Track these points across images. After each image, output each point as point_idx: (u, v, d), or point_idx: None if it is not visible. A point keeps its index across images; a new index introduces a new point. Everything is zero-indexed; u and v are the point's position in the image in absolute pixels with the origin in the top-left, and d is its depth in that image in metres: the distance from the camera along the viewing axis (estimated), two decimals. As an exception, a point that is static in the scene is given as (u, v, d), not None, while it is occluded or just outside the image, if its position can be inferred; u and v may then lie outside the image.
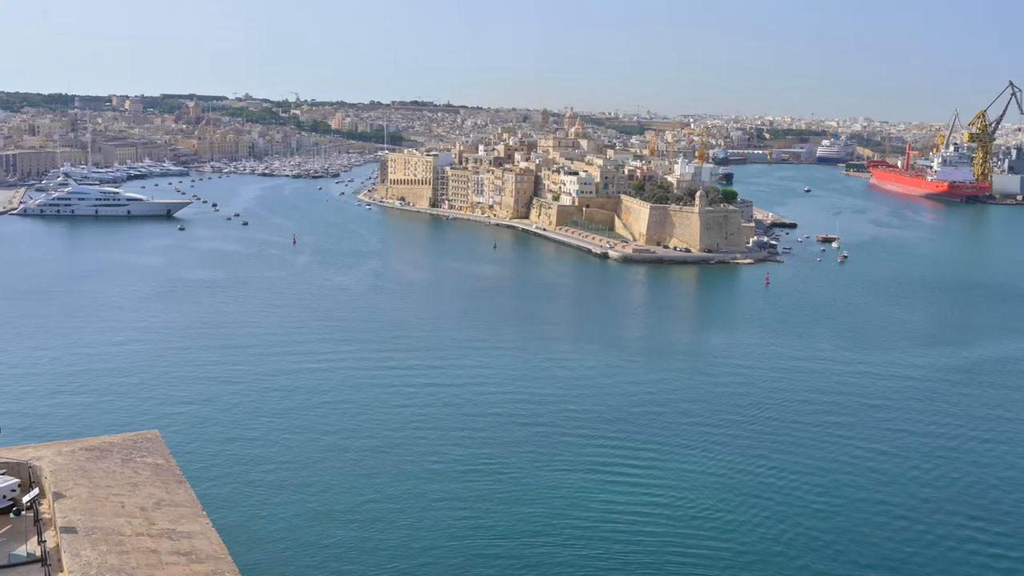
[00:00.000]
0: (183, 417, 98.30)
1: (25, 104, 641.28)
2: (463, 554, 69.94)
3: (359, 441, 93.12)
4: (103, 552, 17.05)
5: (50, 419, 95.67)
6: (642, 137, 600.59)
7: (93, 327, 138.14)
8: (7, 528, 20.14)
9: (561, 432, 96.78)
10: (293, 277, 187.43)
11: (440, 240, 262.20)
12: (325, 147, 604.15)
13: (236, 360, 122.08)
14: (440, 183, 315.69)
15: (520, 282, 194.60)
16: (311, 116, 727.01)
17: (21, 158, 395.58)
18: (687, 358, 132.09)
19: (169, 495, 20.24)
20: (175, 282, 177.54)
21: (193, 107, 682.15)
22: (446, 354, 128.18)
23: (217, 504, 70.85)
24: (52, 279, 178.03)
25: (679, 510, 78.45)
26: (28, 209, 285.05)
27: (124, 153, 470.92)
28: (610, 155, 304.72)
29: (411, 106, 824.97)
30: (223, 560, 17.27)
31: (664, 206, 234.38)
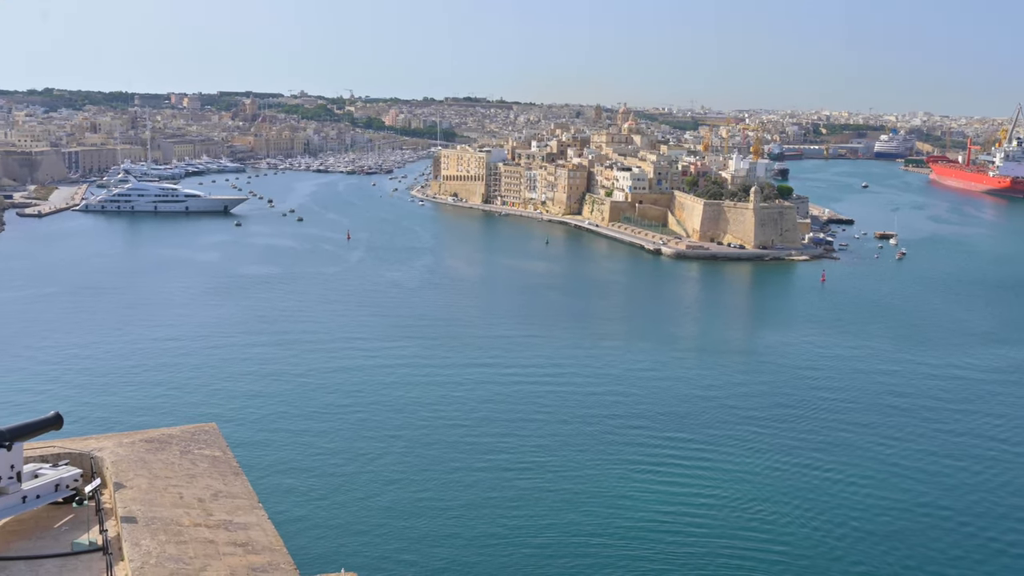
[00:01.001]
0: (239, 410, 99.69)
1: (87, 102, 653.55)
2: (511, 547, 70.08)
3: (411, 436, 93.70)
4: (162, 542, 17.39)
5: (111, 411, 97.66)
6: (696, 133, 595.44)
7: (152, 322, 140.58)
8: (70, 517, 20.60)
9: (613, 429, 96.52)
10: (347, 273, 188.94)
11: (492, 236, 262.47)
12: (379, 143, 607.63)
13: (291, 354, 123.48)
14: (492, 179, 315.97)
15: (572, 278, 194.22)
16: (365, 113, 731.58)
17: (83, 155, 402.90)
18: (740, 356, 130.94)
19: (226, 487, 20.58)
20: (232, 277, 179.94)
21: (249, 104, 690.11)
22: (498, 350, 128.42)
23: (272, 496, 71.83)
24: (112, 274, 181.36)
25: (731, 509, 77.85)
26: (90, 205, 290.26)
27: (182, 150, 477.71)
28: (663, 151, 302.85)
29: (464, 102, 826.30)
30: (278, 551, 17.52)
31: (718, 202, 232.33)
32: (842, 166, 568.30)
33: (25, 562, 18.39)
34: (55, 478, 20.67)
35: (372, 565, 66.83)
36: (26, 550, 18.95)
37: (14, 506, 19.50)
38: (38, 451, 22.30)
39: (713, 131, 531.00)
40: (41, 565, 18.30)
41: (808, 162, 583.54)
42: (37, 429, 21.55)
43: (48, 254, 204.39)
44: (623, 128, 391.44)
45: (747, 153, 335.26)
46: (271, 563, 17.15)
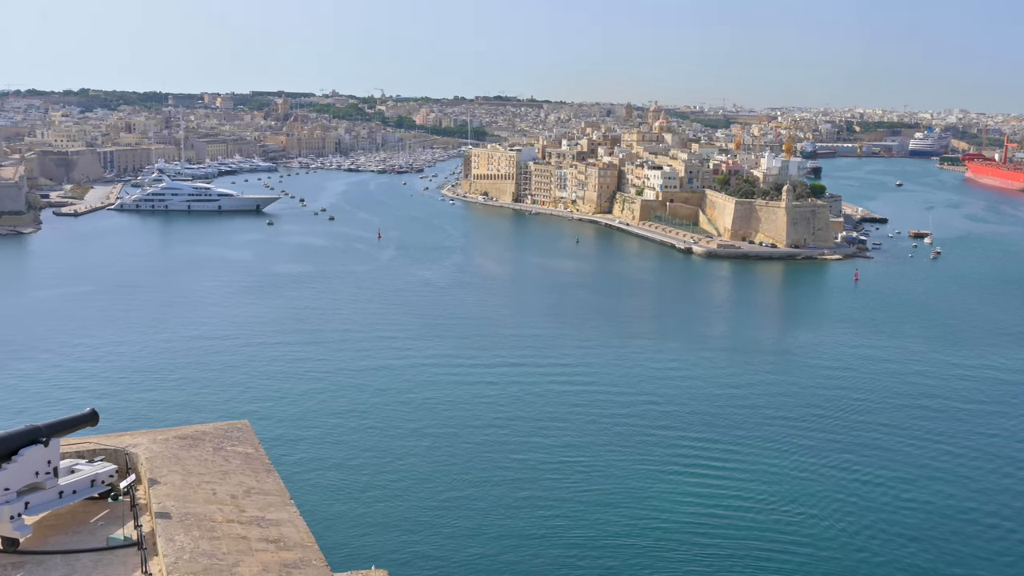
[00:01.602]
0: (272, 407, 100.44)
1: (122, 102, 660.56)
2: (539, 546, 70.12)
3: (441, 434, 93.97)
4: (196, 537, 17.57)
5: (145, 407, 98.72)
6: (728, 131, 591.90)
7: (186, 320, 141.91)
8: (105, 512, 20.84)
9: (642, 429, 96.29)
10: (378, 271, 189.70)
11: (523, 235, 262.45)
12: (409, 142, 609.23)
13: (323, 353, 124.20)
14: (523, 178, 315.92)
15: (602, 277, 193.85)
16: (396, 112, 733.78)
17: (118, 155, 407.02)
18: (772, 356, 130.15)
19: (258, 483, 20.75)
20: (264, 276, 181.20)
21: (281, 104, 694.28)
22: (528, 349, 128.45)
23: (304, 493, 72.34)
24: (147, 273, 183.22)
25: (761, 509, 77.46)
26: (124, 204, 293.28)
27: (215, 149, 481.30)
28: (695, 149, 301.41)
29: (494, 101, 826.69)
30: (310, 548, 17.65)
31: (750, 201, 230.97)
32: (876, 164, 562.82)
33: (62, 556, 18.65)
34: (91, 474, 20.94)
35: (402, 562, 67.12)
36: (63, 544, 19.23)
37: (51, 501, 19.78)
38: (74, 447, 22.60)
39: (745, 129, 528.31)
40: (77, 559, 18.55)
41: (841, 160, 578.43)
42: (73, 425, 21.85)
43: (84, 253, 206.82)
44: (654, 126, 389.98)
45: (779, 151, 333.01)
46: (303, 559, 17.29)
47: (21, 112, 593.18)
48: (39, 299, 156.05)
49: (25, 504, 19.10)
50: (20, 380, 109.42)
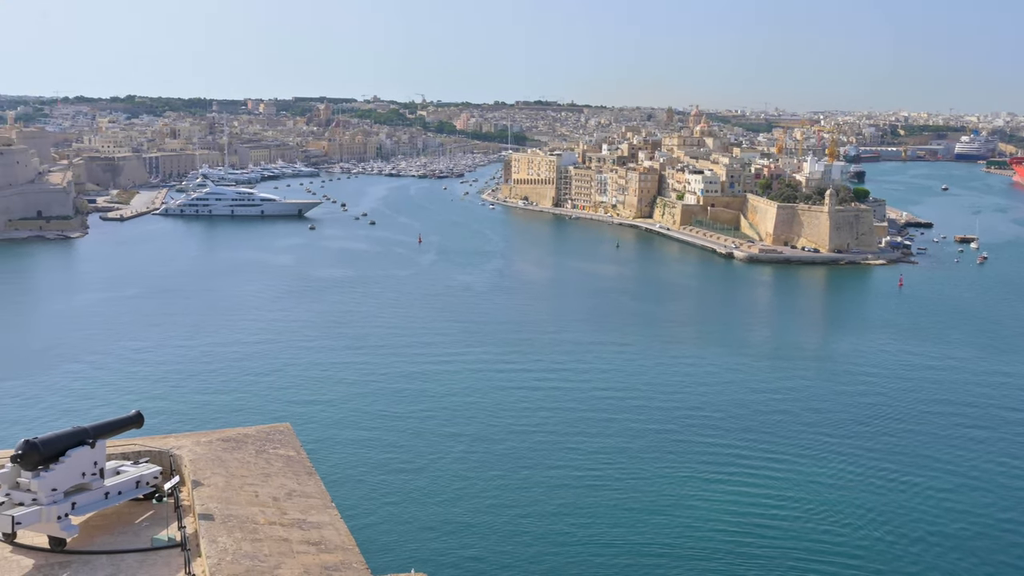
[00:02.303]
0: (313, 411, 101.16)
1: (167, 109, 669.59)
2: (578, 551, 69.94)
3: (481, 440, 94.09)
4: (238, 539, 17.73)
5: (189, 410, 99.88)
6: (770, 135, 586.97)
7: (229, 323, 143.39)
8: (150, 513, 21.09)
9: (682, 435, 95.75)
10: (418, 276, 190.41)
11: (563, 240, 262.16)
12: (450, 147, 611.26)
13: (363, 356, 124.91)
14: (563, 182, 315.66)
15: (643, 282, 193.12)
16: (437, 117, 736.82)
17: (163, 160, 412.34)
18: (814, 362, 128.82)
19: (300, 486, 20.90)
20: (306, 280, 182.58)
21: (323, 109, 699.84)
22: (568, 355, 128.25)
23: (345, 496, 72.76)
24: (191, 277, 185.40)
25: (803, 518, 76.68)
26: (169, 209, 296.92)
27: (258, 155, 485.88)
28: (736, 153, 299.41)
29: (535, 106, 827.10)
30: (351, 551, 17.74)
31: (792, 205, 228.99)
32: (921, 168, 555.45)
33: (107, 556, 18.90)
34: (136, 475, 21.21)
35: (442, 565, 67.26)
36: (108, 544, 19.48)
37: (97, 502, 20.05)
38: (120, 449, 22.90)
39: (787, 133, 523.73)
40: (122, 559, 18.79)
41: (885, 164, 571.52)
42: (119, 427, 22.14)
43: (129, 257, 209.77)
44: (695, 131, 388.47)
45: (822, 155, 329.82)
46: (343, 562, 17.38)
47: (69, 118, 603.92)
48: (86, 302, 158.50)
49: (72, 504, 19.38)
50: (67, 382, 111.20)
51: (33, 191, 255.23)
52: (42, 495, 18.91)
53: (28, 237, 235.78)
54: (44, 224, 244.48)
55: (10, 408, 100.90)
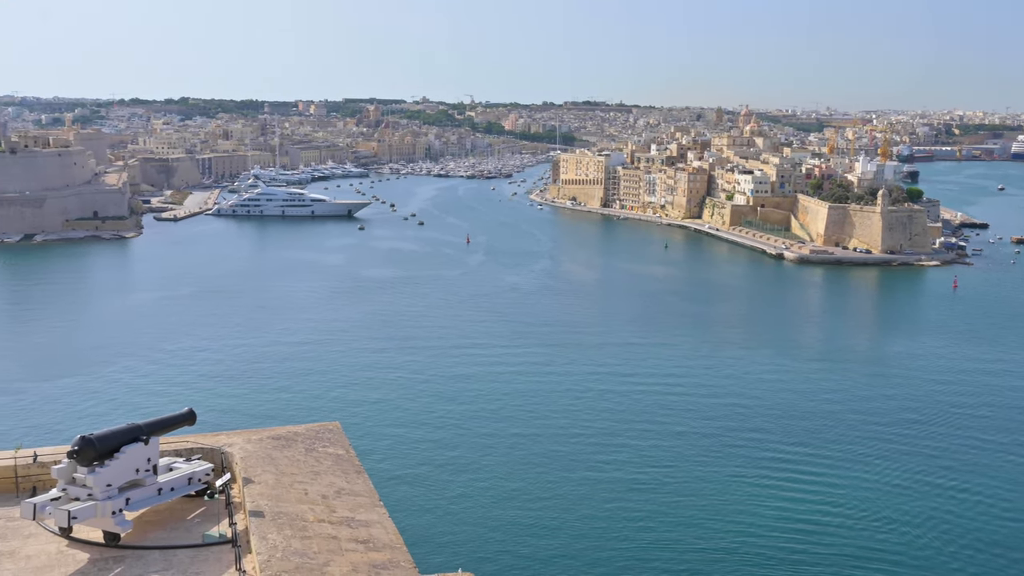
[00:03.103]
0: (362, 410, 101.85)
1: (220, 110, 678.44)
2: (626, 554, 69.64)
3: (529, 439, 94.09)
4: (288, 536, 17.89)
5: (240, 408, 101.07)
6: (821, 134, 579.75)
7: (280, 323, 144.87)
8: (202, 510, 21.35)
9: (731, 437, 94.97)
10: (466, 276, 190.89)
11: (611, 240, 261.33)
12: (498, 148, 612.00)
13: (412, 356, 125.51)
14: (611, 183, 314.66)
15: (692, 283, 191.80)
16: (485, 118, 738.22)
17: (216, 161, 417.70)
18: (865, 364, 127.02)
19: (348, 484, 21.05)
20: (355, 280, 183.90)
21: (373, 110, 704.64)
22: (616, 356, 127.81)
23: (392, 495, 73.15)
24: (242, 277, 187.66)
25: (852, 521, 75.69)
26: (221, 210, 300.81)
27: (309, 156, 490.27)
28: (787, 153, 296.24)
29: (583, 106, 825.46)
30: (399, 549, 17.83)
31: (843, 205, 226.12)
32: (976, 168, 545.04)
33: (160, 551, 19.19)
34: (188, 472, 21.51)
35: (488, 566, 67.35)
36: (161, 540, 19.78)
37: (150, 498, 20.36)
38: (172, 445, 23.23)
39: (839, 133, 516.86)
40: (174, 555, 19.06)
41: (940, 164, 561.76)
42: (172, 424, 22.48)
43: (182, 257, 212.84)
44: (745, 130, 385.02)
45: (874, 155, 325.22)
46: (391, 561, 17.47)
47: (125, 120, 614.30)
48: (140, 301, 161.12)
49: (126, 500, 19.70)
50: (121, 379, 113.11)
51: (90, 192, 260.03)
52: (97, 490, 19.24)
53: (85, 237, 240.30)
54: (100, 224, 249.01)
55: (66, 404, 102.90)
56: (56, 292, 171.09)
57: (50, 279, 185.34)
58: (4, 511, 20.99)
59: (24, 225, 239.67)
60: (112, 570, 18.40)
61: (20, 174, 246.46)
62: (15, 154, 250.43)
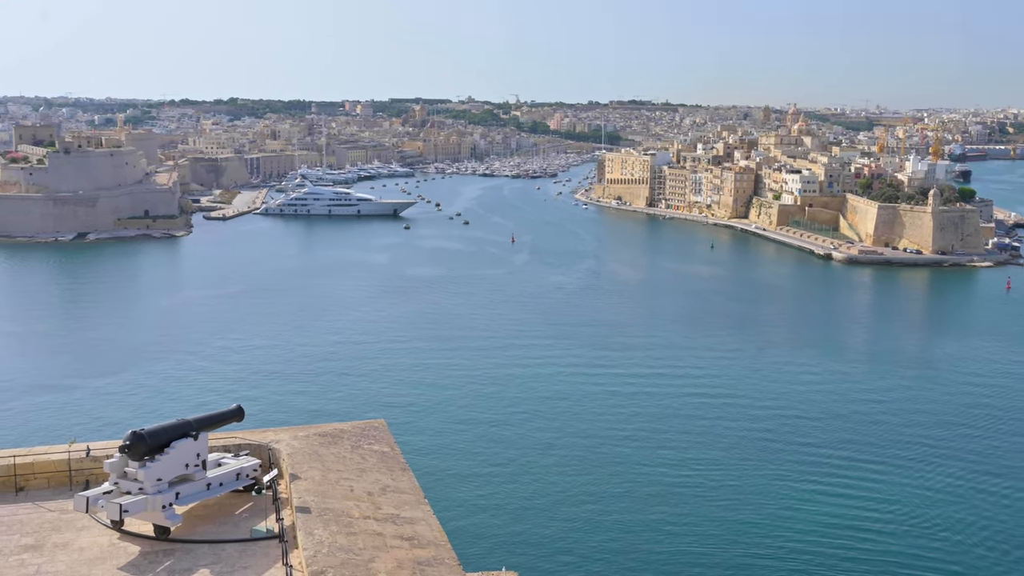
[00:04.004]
0: (407, 408, 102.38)
1: (268, 111, 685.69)
2: (667, 556, 69.31)
3: (572, 440, 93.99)
4: (334, 532, 18.06)
5: (287, 405, 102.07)
6: (870, 133, 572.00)
7: (326, 321, 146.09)
8: (249, 505, 21.61)
9: (776, 438, 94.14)
10: (511, 275, 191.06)
11: (656, 240, 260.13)
12: (543, 147, 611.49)
13: (456, 355, 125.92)
14: (657, 182, 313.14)
15: (738, 283, 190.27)
16: (530, 117, 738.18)
17: (264, 161, 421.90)
18: (915, 366, 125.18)
19: (394, 481, 21.20)
20: (400, 279, 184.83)
21: (419, 110, 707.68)
22: (661, 355, 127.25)
23: (437, 492, 73.46)
24: (289, 275, 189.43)
25: (899, 526, 74.68)
26: (269, 209, 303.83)
27: (355, 155, 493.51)
28: (835, 152, 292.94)
29: (629, 105, 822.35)
30: (443, 547, 17.94)
31: (893, 205, 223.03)
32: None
33: (208, 546, 19.49)
34: (236, 467, 21.81)
35: (532, 565, 67.42)
36: (209, 534, 20.07)
37: (199, 492, 20.68)
38: (221, 441, 23.56)
39: (889, 131, 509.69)
40: (223, 549, 19.33)
41: (993, 163, 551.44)
42: (221, 420, 22.80)
43: (230, 255, 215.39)
44: (792, 129, 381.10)
45: (926, 154, 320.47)
46: (436, 558, 17.58)
47: (175, 121, 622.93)
48: (190, 299, 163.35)
49: (176, 494, 20.02)
50: (172, 376, 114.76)
51: (141, 191, 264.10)
52: (148, 484, 19.59)
53: (136, 236, 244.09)
54: (151, 223, 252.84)
55: (118, 400, 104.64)
56: (108, 290, 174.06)
57: (102, 277, 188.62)
58: (58, 504, 21.43)
59: (77, 224, 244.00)
60: (162, 563, 18.70)
61: (74, 174, 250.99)
62: (69, 154, 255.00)
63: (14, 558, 18.82)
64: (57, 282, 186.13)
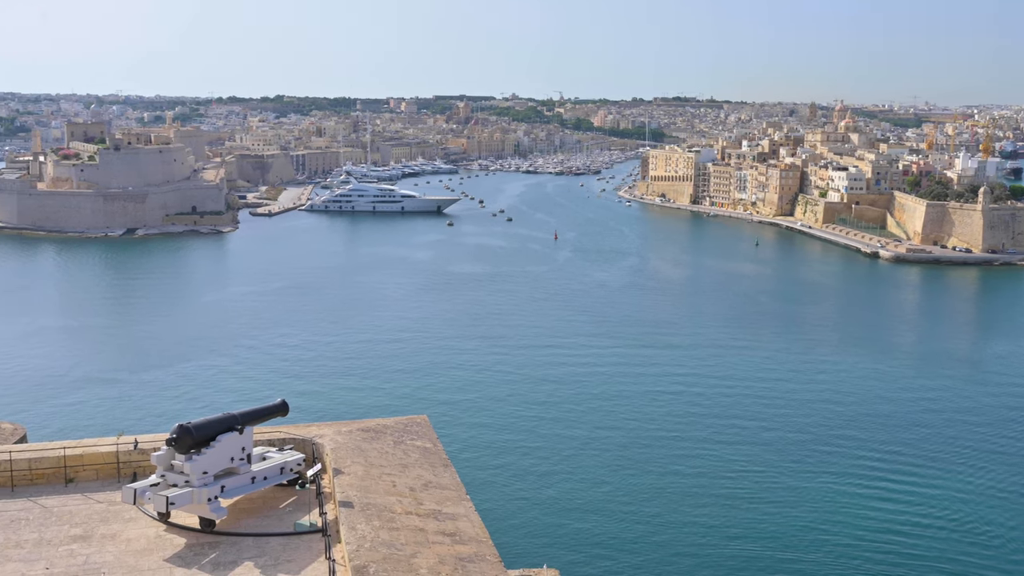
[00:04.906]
0: (449, 404, 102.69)
1: (313, 108, 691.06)
2: (708, 555, 68.89)
3: (614, 438, 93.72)
4: (376, 527, 18.17)
5: (330, 400, 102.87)
6: (919, 130, 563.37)
7: (369, 317, 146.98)
8: (293, 499, 21.81)
9: (820, 438, 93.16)
10: (554, 272, 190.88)
11: (700, 237, 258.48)
12: (587, 144, 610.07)
13: (499, 351, 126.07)
14: (701, 179, 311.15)
15: (783, 282, 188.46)
16: (574, 114, 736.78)
17: (309, 157, 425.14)
18: (963, 367, 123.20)
19: (436, 477, 21.30)
20: (443, 275, 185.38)
21: (463, 107, 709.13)
22: (704, 353, 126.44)
23: (478, 489, 73.62)
24: (334, 271, 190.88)
25: (946, 529, 73.54)
26: (314, 205, 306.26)
27: (399, 152, 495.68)
28: (883, 149, 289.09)
29: (673, 102, 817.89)
30: (484, 543, 17.99)
31: (942, 203, 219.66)
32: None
33: (252, 539, 19.72)
34: (280, 462, 22.05)
35: (573, 563, 67.34)
36: (254, 527, 20.32)
37: (244, 486, 20.94)
38: (266, 436, 23.83)
39: (938, 128, 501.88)
40: (267, 542, 19.56)
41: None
42: (266, 415, 23.06)
43: (276, 251, 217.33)
44: (839, 126, 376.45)
45: (976, 151, 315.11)
46: (477, 554, 17.63)
47: (223, 118, 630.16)
48: (235, 295, 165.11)
49: (221, 488, 20.28)
50: (218, 370, 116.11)
51: (188, 187, 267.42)
52: (194, 477, 19.88)
53: (183, 231, 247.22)
54: (198, 219, 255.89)
55: (165, 394, 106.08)
56: (156, 285, 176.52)
57: (150, 272, 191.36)
58: (106, 495, 21.81)
59: (127, 220, 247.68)
60: (207, 556, 18.96)
61: (123, 170, 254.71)
62: (119, 151, 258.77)
63: (63, 548, 19.18)
64: (107, 277, 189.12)
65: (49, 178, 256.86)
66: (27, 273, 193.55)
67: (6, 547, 19.16)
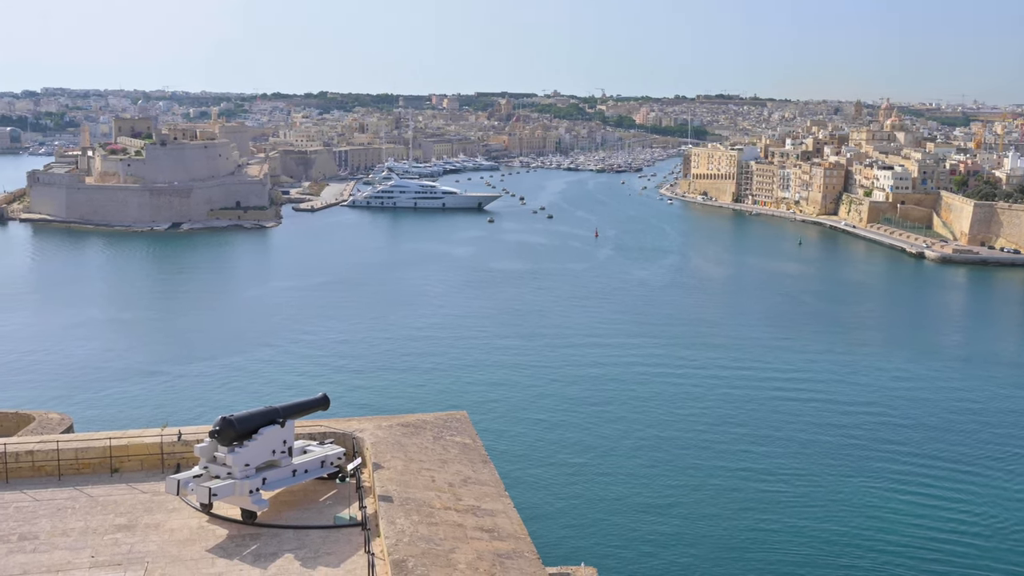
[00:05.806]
0: (489, 400, 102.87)
1: (356, 104, 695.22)
2: (746, 555, 68.40)
3: (653, 437, 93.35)
4: (415, 522, 18.25)
5: (370, 394, 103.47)
6: (967, 129, 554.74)
7: (410, 312, 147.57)
8: (333, 493, 21.96)
9: (862, 440, 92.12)
10: (594, 270, 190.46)
11: (742, 236, 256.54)
12: (629, 142, 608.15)
13: (539, 348, 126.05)
14: (744, 178, 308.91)
15: (826, 282, 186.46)
16: (616, 111, 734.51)
17: (351, 154, 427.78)
18: (1010, 370, 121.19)
19: (475, 473, 21.35)
20: (484, 272, 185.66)
21: (504, 104, 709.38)
22: (745, 353, 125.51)
23: (517, 485, 73.70)
24: (375, 267, 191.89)
25: (991, 534, 72.38)
26: (356, 201, 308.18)
27: (441, 149, 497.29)
28: (929, 148, 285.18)
29: (716, 100, 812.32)
30: (523, 539, 18.00)
31: (990, 203, 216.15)
32: None
33: (293, 531, 19.92)
34: (321, 455, 22.24)
35: (610, 561, 67.19)
36: (294, 520, 20.52)
37: (285, 479, 21.15)
38: (307, 429, 24.04)
39: (987, 127, 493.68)
40: (307, 535, 19.74)
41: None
42: (307, 408, 23.26)
43: (318, 246, 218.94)
44: (885, 125, 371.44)
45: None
46: (515, 551, 17.65)
47: (267, 114, 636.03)
48: (278, 289, 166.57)
49: (263, 480, 20.50)
50: (260, 365, 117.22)
51: (233, 182, 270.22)
52: (236, 469, 20.11)
53: (227, 226, 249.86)
54: (242, 214, 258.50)
55: (208, 386, 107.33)
56: (200, 279, 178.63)
57: (195, 266, 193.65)
58: (150, 486, 22.13)
59: (172, 214, 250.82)
60: (248, 547, 19.17)
61: (169, 165, 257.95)
62: (165, 146, 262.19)
63: (108, 537, 19.49)
64: (152, 270, 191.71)
65: (97, 172, 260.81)
66: (75, 266, 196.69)
67: (53, 535, 19.53)
